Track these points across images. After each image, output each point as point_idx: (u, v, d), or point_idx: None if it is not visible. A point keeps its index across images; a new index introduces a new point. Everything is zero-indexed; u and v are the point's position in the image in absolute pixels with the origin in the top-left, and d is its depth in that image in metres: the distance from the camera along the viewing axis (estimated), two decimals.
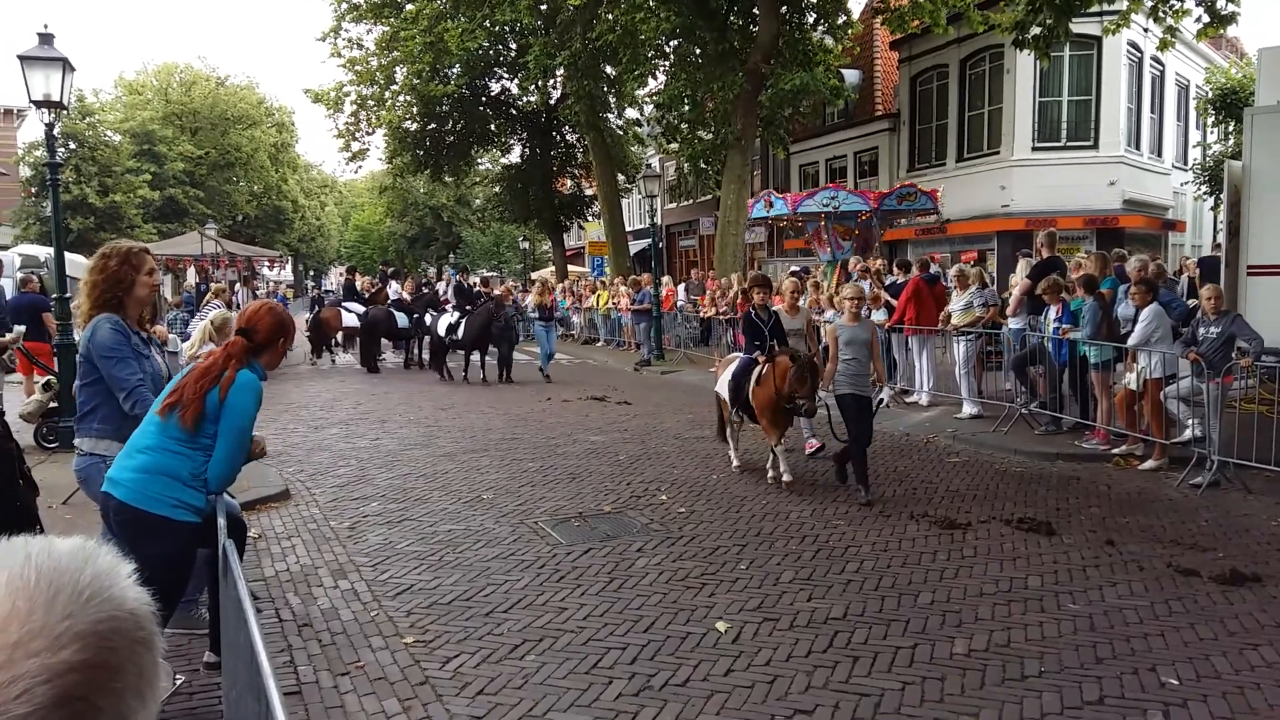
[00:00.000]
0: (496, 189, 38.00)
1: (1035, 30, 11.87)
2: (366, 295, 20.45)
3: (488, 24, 24.90)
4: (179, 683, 4.08)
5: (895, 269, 14.39)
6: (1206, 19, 11.47)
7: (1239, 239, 11.17)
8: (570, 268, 36.53)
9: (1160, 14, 11.91)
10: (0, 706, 0.66)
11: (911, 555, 6.01)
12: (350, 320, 19.35)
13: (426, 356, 19.58)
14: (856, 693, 4.08)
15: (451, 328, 16.23)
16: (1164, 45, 12.47)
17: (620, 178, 31.05)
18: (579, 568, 5.84)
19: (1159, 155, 25.38)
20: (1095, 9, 13.06)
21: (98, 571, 0.77)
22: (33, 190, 36.52)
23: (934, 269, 13.92)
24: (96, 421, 4.21)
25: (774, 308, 8.96)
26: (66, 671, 0.69)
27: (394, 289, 20.93)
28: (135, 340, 4.28)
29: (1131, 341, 8.61)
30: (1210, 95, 24.44)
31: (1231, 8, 11.34)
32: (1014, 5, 14.88)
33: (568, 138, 34.33)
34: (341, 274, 29.49)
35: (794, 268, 17.68)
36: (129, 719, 0.75)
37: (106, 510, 3.76)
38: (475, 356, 16.45)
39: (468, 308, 16.53)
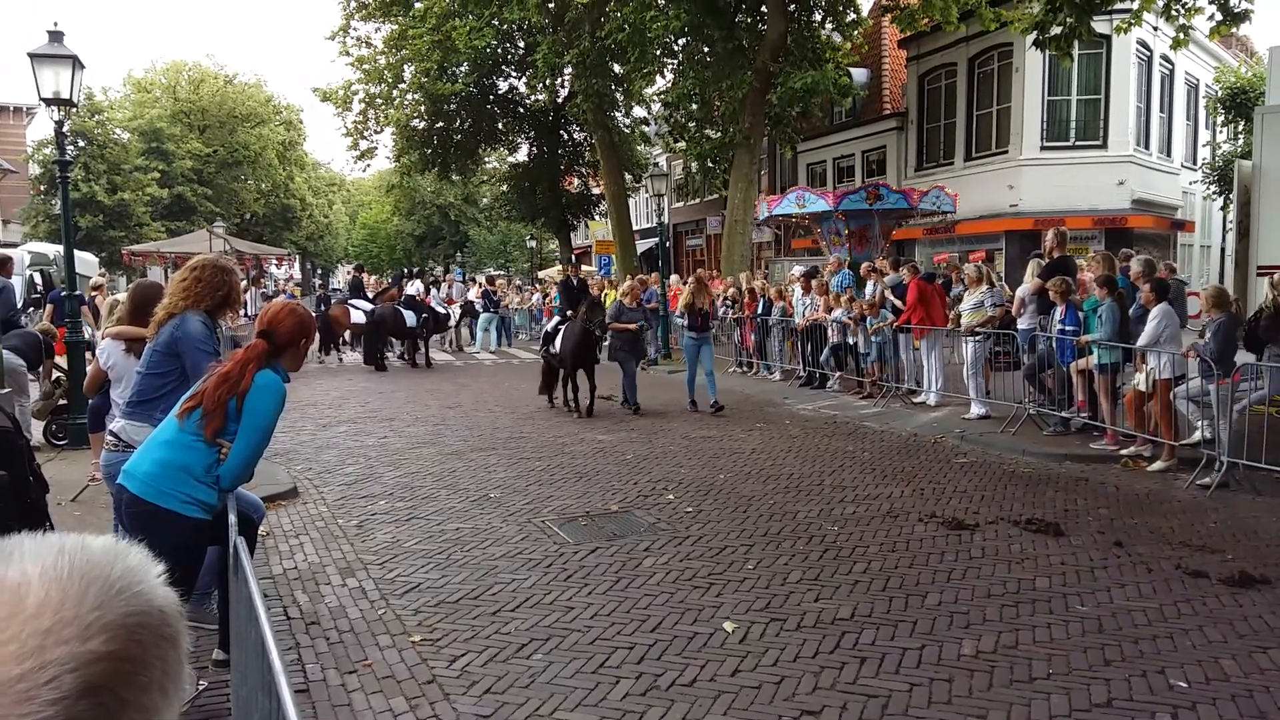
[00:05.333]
0: (504, 188, 38.03)
1: (1055, 30, 11.81)
2: (373, 294, 20.45)
3: (496, 22, 24.91)
4: (201, 688, 4.09)
5: (896, 268, 14.39)
6: (1219, 17, 11.40)
7: (1249, 239, 11.13)
8: None
9: (1173, 12, 11.85)
10: (29, 691, 0.68)
11: (919, 556, 6.00)
12: (358, 318, 19.37)
13: (435, 356, 19.63)
14: (864, 694, 4.08)
15: (548, 337, 12.72)
16: (1177, 44, 12.41)
17: (627, 176, 31.04)
18: (586, 567, 5.84)
19: (1168, 155, 25.29)
20: (1110, 7, 13.01)
21: (128, 568, 0.78)
22: (42, 188, 36.67)
23: (924, 269, 13.96)
24: (159, 411, 4.26)
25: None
26: (94, 661, 0.71)
27: (415, 288, 20.88)
28: (214, 339, 4.55)
29: (1141, 342, 8.59)
30: (1220, 94, 24.34)
31: (1245, 5, 11.23)
32: (1028, 4, 14.83)
33: (575, 136, 34.32)
34: (349, 272, 29.54)
35: (798, 267, 17.68)
36: (152, 713, 0.76)
37: (119, 502, 3.79)
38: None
39: (569, 313, 12.52)
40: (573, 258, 14.50)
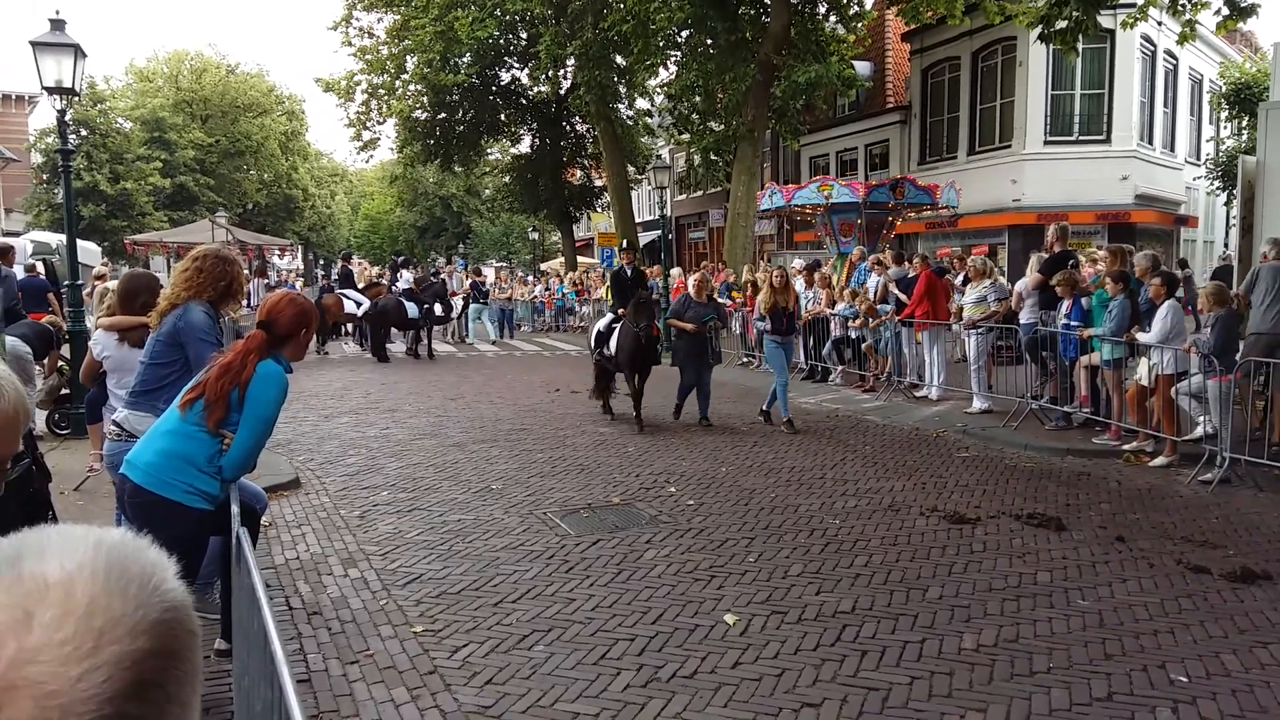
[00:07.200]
0: (506, 179, 38.02)
1: (1061, 24, 11.74)
2: (361, 286, 20.31)
3: (498, 13, 24.91)
4: None
5: (900, 262, 14.35)
6: (1226, 11, 11.32)
7: (1252, 235, 11.10)
8: (579, 259, 36.53)
9: (1179, 6, 11.78)
10: (88, 691, 0.68)
11: (920, 550, 6.00)
12: (350, 308, 19.30)
13: (437, 347, 19.61)
14: (864, 686, 4.08)
15: (601, 337, 11.21)
16: (1184, 39, 12.34)
17: (630, 169, 30.99)
18: (588, 559, 5.85)
19: (1172, 150, 25.23)
20: (1116, 2, 12.96)
21: (155, 563, 0.79)
22: (44, 177, 36.66)
23: (934, 263, 13.93)
24: (161, 401, 4.27)
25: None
26: (144, 658, 0.72)
27: (405, 278, 20.86)
28: (217, 329, 4.56)
29: (1150, 338, 8.56)
30: (1224, 90, 24.28)
31: None
32: None
33: (578, 128, 34.29)
34: (339, 262, 29.36)
35: (798, 260, 17.69)
36: (189, 708, 0.78)
37: (122, 492, 3.79)
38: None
39: (620, 311, 10.98)
40: (625, 243, 13.45)
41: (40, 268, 13.24)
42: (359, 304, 19.28)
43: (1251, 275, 9.17)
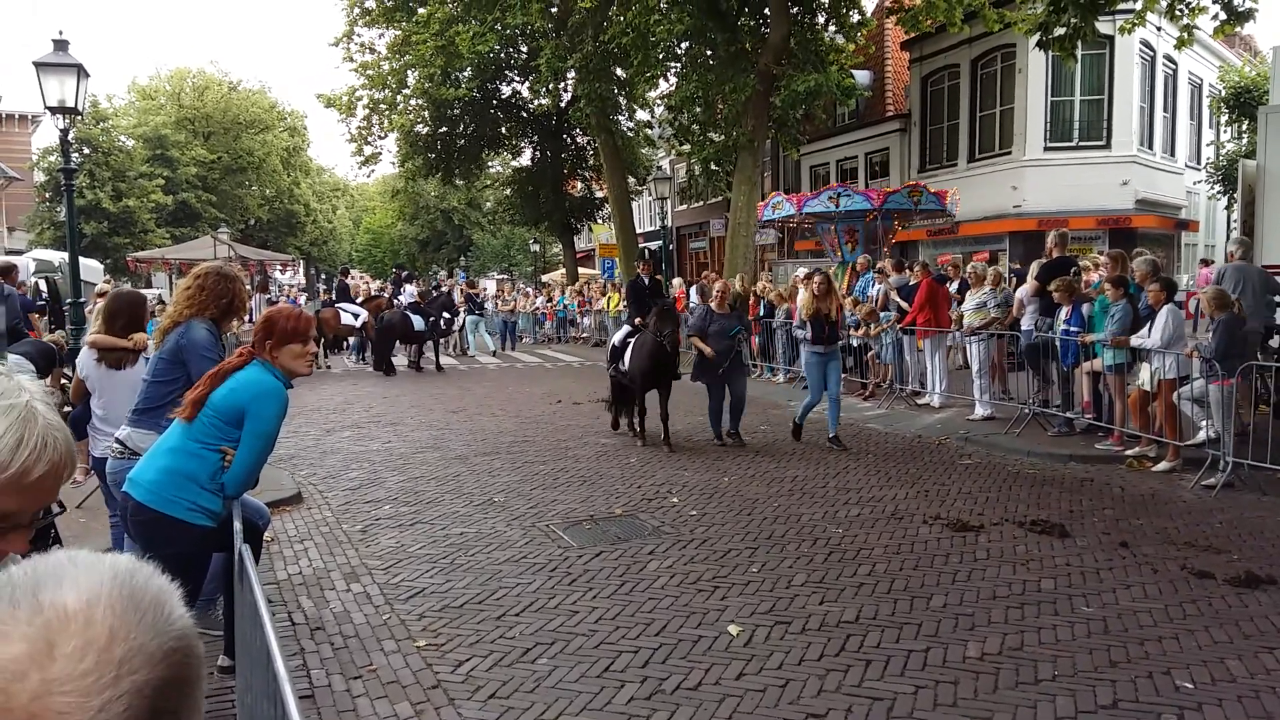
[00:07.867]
0: (507, 192, 38.10)
1: (1059, 30, 11.77)
2: (358, 300, 20.31)
3: (499, 27, 24.92)
4: None
5: (901, 269, 14.33)
6: (1223, 16, 11.35)
7: (1253, 239, 11.09)
8: (581, 270, 36.57)
9: (1177, 11, 11.81)
10: None
11: (924, 558, 5.99)
12: (347, 319, 19.33)
13: (440, 360, 19.62)
14: (869, 696, 4.07)
15: (616, 352, 10.82)
16: (1181, 44, 12.37)
17: (631, 180, 31.03)
18: (590, 571, 5.84)
19: (1172, 155, 25.24)
20: (1114, 8, 13.00)
21: (164, 588, 0.81)
22: (47, 195, 36.83)
23: (935, 271, 13.94)
24: (164, 419, 4.29)
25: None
26: (161, 685, 0.73)
27: (409, 292, 20.88)
28: (219, 347, 4.61)
29: (1150, 342, 8.56)
30: (1223, 94, 24.30)
31: (1248, 4, 11.18)
32: (1032, 5, 14.80)
33: (578, 140, 34.35)
34: (337, 276, 29.45)
35: (802, 269, 17.69)
36: None
37: (125, 509, 3.81)
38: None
39: (637, 322, 10.65)
40: (646, 252, 12.68)
41: (41, 285, 13.18)
42: (356, 315, 19.31)
43: (1218, 274, 9.35)
